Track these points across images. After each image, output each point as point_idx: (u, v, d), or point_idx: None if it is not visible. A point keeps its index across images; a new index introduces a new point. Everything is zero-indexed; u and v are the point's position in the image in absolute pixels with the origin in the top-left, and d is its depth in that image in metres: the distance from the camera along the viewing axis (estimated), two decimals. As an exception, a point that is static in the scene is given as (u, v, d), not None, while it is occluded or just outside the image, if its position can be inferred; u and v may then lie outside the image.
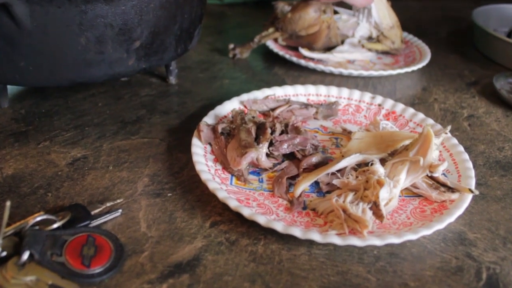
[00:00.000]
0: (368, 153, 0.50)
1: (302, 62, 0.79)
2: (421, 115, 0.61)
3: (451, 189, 0.46)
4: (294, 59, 0.80)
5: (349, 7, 0.85)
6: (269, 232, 0.43)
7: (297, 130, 0.55)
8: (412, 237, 0.41)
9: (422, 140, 0.47)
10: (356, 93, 0.66)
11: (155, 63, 0.62)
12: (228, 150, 0.52)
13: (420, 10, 1.24)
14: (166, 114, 0.65)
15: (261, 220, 0.42)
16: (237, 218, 0.45)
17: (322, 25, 0.80)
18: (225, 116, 0.60)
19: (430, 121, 0.60)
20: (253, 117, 0.56)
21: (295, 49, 0.84)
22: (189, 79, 0.76)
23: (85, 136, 0.59)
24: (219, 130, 0.54)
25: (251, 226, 0.44)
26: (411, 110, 0.62)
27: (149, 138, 0.59)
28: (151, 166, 0.53)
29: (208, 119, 0.58)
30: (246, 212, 0.43)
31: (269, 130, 0.53)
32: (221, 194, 0.45)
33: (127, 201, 0.48)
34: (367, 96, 0.66)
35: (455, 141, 0.55)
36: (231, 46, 0.84)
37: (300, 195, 0.48)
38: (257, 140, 0.52)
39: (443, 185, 0.47)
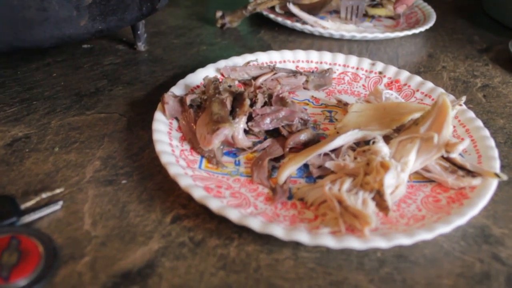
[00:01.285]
0: (369, 129, 0.41)
1: (298, 25, 0.69)
2: (429, 84, 0.52)
3: (471, 173, 0.37)
4: (288, 22, 0.70)
5: None
6: (245, 229, 0.34)
7: (282, 102, 0.46)
8: (427, 236, 0.32)
9: (436, 112, 0.38)
10: (353, 59, 0.57)
11: (115, 24, 0.52)
12: (197, 126, 0.42)
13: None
14: (130, 85, 0.55)
15: (234, 215, 0.33)
16: (205, 211, 0.36)
17: None
18: (198, 87, 0.50)
19: (441, 90, 0.51)
20: (230, 86, 0.46)
21: (286, 13, 0.74)
22: (161, 45, 0.66)
23: (31, 111, 0.49)
24: (188, 102, 0.45)
25: (222, 221, 0.35)
26: (417, 79, 0.53)
27: (107, 113, 0.49)
28: (106, 146, 0.44)
29: (177, 89, 0.49)
30: (214, 204, 0.34)
31: (247, 101, 0.43)
32: (184, 182, 0.36)
33: (71, 190, 0.38)
34: (366, 62, 0.56)
35: (471, 114, 0.46)
36: (219, 13, 0.72)
37: (285, 182, 0.39)
38: (233, 113, 0.43)
39: (462, 168, 0.38)
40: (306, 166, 0.41)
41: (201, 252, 0.33)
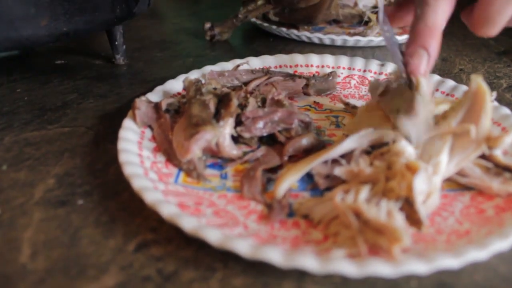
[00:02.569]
0: (386, 128, 0.33)
1: (295, 32, 0.62)
2: (450, 82, 0.44)
3: (522, 175, 0.29)
4: (283, 29, 0.63)
5: None
6: (232, 257, 0.26)
7: (278, 105, 0.38)
8: (479, 255, 0.23)
9: (471, 100, 0.30)
10: (359, 61, 0.50)
11: (83, 27, 0.45)
12: (174, 133, 0.34)
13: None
14: (103, 97, 0.48)
15: (214, 236, 0.24)
16: (180, 235, 0.27)
17: None
18: (179, 94, 0.43)
19: (464, 88, 0.43)
20: (215, 88, 0.38)
21: (280, 22, 0.67)
22: (143, 59, 0.60)
23: (-17, 128, 0.42)
24: (164, 106, 0.37)
25: (201, 247, 0.27)
26: (435, 77, 0.45)
27: (71, 127, 0.42)
28: (65, 162, 0.36)
29: (153, 96, 0.41)
30: (188, 223, 0.25)
31: (235, 101, 0.35)
32: (151, 196, 0.27)
33: (12, 214, 0.30)
34: (374, 64, 0.49)
35: (507, 110, 0.38)
36: (208, 25, 0.66)
37: (284, 196, 0.30)
38: (218, 116, 0.35)
39: (508, 169, 0.30)
40: (310, 177, 0.33)
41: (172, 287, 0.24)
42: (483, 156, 0.30)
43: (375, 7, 0.69)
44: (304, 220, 0.29)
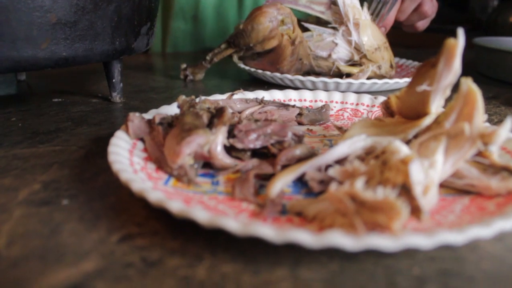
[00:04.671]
0: (380, 136, 0.33)
1: (288, 76, 0.63)
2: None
3: (520, 174, 0.29)
4: (277, 75, 0.64)
5: (324, 24, 0.70)
6: (220, 246, 0.24)
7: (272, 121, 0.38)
8: (483, 232, 0.22)
9: (462, 101, 0.31)
10: (352, 96, 0.51)
11: (83, 54, 0.46)
12: (166, 142, 0.34)
13: (413, 54, 1.13)
14: (96, 125, 0.48)
15: (202, 216, 0.23)
16: (167, 228, 0.26)
17: (281, 39, 0.65)
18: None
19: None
20: (208, 108, 0.39)
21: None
22: (139, 98, 0.60)
23: (-27, 147, 0.41)
24: (157, 120, 0.37)
25: (188, 240, 0.25)
26: (428, 107, 0.46)
27: (63, 146, 0.41)
28: (52, 172, 0.35)
29: (148, 117, 0.41)
30: (176, 206, 0.24)
31: (228, 112, 0.35)
32: (139, 185, 0.26)
33: (-9, 213, 0.29)
34: (367, 97, 0.50)
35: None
36: (183, 66, 0.73)
37: (277, 196, 0.29)
38: (211, 126, 0.35)
39: (505, 169, 0.29)
40: (304, 183, 0.32)
41: (155, 273, 0.22)
42: (479, 155, 0.30)
43: (350, 60, 0.69)
44: (298, 217, 0.27)
